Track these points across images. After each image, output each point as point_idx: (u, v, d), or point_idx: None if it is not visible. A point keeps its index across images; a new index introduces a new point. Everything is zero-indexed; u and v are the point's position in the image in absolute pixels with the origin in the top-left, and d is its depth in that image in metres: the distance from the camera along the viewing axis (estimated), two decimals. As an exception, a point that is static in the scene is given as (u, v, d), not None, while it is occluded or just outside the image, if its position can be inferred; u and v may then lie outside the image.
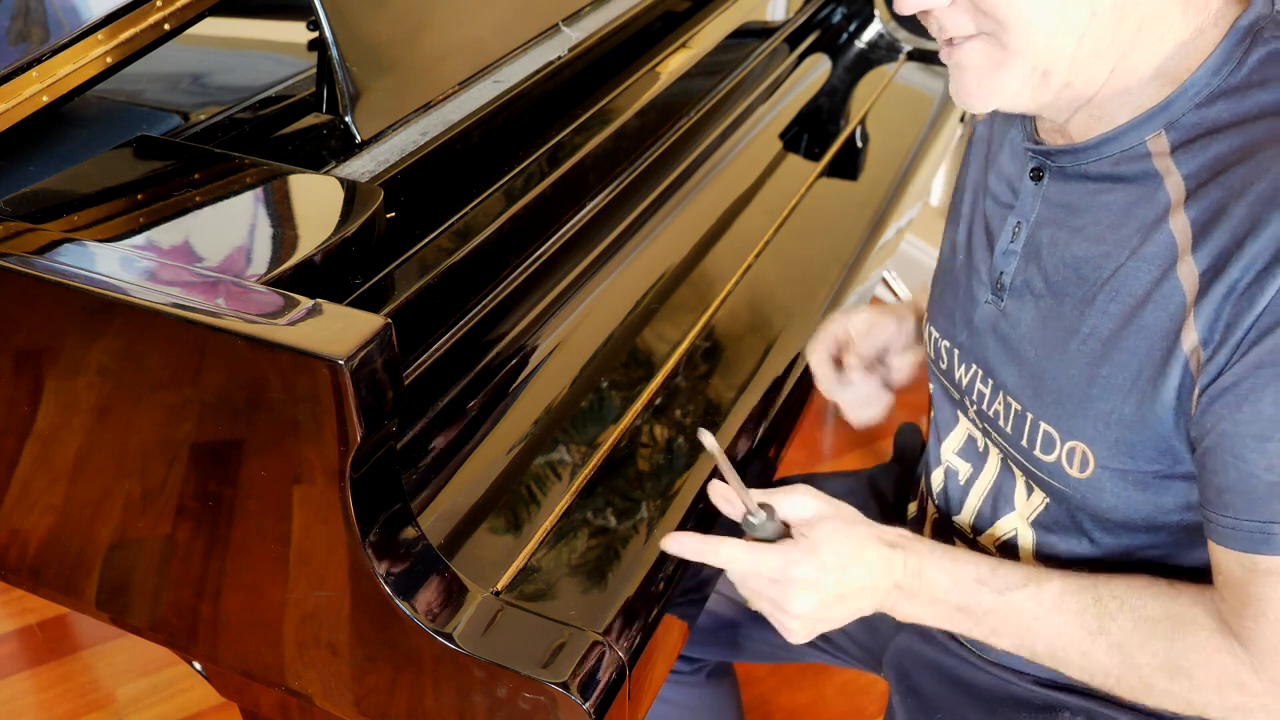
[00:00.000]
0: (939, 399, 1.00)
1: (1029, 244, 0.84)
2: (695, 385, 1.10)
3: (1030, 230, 0.84)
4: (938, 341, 0.96)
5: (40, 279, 0.80)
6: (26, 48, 0.92)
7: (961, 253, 0.93)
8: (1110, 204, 0.78)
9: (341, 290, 0.88)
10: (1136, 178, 0.77)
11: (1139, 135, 0.76)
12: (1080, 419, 0.79)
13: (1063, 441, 0.81)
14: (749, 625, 1.15)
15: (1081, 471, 0.81)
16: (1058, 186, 0.83)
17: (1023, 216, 0.85)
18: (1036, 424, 0.83)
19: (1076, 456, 0.81)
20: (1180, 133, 0.75)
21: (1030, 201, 0.84)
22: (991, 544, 0.92)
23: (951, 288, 0.94)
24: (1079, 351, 0.79)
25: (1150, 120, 0.76)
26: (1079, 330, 0.79)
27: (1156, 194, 0.75)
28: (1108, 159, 0.78)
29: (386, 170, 0.99)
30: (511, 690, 0.78)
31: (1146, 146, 0.76)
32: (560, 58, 1.18)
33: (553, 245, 1.09)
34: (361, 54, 1.02)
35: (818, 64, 1.72)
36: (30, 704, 1.72)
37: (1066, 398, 0.80)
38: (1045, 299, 0.82)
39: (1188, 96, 0.74)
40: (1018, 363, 0.84)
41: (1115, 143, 0.77)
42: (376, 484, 0.78)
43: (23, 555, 0.95)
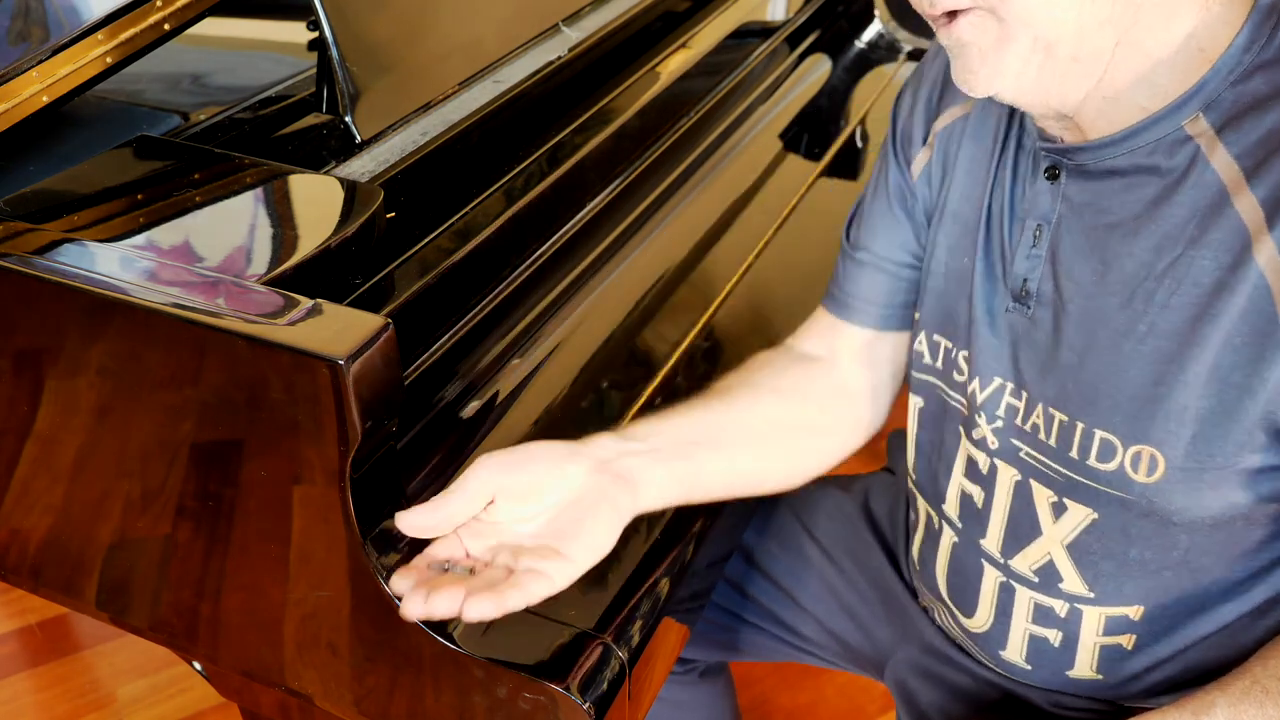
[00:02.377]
0: (932, 419, 0.95)
1: (1055, 247, 0.80)
2: (695, 385, 1.10)
3: (1054, 233, 0.80)
4: (948, 351, 0.91)
5: (40, 279, 0.80)
6: (26, 48, 0.92)
7: (966, 257, 0.89)
8: (1149, 197, 0.75)
9: (341, 290, 0.88)
10: (1177, 165, 0.73)
11: (1175, 121, 0.73)
12: (1147, 421, 0.76)
13: (1125, 446, 0.77)
14: (747, 626, 1.15)
15: (1149, 475, 0.77)
16: (1079, 185, 0.79)
17: (1042, 219, 0.81)
18: (1090, 432, 0.79)
19: (1143, 460, 0.77)
20: (1221, 112, 0.72)
21: (1048, 202, 0.81)
22: (1028, 568, 0.88)
23: (954, 296, 0.90)
24: (1138, 351, 0.75)
25: (1186, 104, 0.72)
26: (1134, 329, 0.75)
27: (1204, 178, 0.72)
28: (1140, 150, 0.75)
29: (386, 170, 0.99)
30: (511, 690, 0.78)
31: (1185, 131, 0.73)
32: (560, 58, 1.18)
33: (553, 245, 1.09)
34: (361, 54, 1.02)
35: (818, 64, 1.72)
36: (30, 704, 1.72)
37: (1129, 400, 0.76)
38: (1084, 301, 0.78)
39: (1222, 75, 0.71)
40: (1059, 370, 0.80)
41: (1147, 132, 0.74)
42: (377, 484, 0.78)
43: (23, 555, 0.95)
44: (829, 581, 1.11)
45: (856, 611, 1.10)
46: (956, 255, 0.90)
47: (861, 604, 1.10)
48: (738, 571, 1.14)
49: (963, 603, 0.95)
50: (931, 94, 0.94)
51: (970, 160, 0.89)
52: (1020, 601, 0.90)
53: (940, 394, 0.93)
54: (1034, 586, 0.88)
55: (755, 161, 1.44)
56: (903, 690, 1.05)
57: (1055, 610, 0.88)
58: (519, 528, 0.78)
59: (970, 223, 0.89)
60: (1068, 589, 0.86)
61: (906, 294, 0.97)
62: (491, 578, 0.74)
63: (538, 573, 0.74)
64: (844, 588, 1.11)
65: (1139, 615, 0.85)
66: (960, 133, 0.90)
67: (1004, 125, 0.87)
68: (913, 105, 0.95)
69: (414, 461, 0.90)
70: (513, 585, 0.73)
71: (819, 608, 1.11)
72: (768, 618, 1.13)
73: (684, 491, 0.87)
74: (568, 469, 0.79)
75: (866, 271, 0.97)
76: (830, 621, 1.11)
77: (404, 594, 0.73)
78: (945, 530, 0.96)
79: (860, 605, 1.10)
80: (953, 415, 0.92)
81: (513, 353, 1.02)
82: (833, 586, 1.11)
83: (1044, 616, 0.89)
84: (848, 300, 0.99)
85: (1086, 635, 0.88)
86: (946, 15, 0.73)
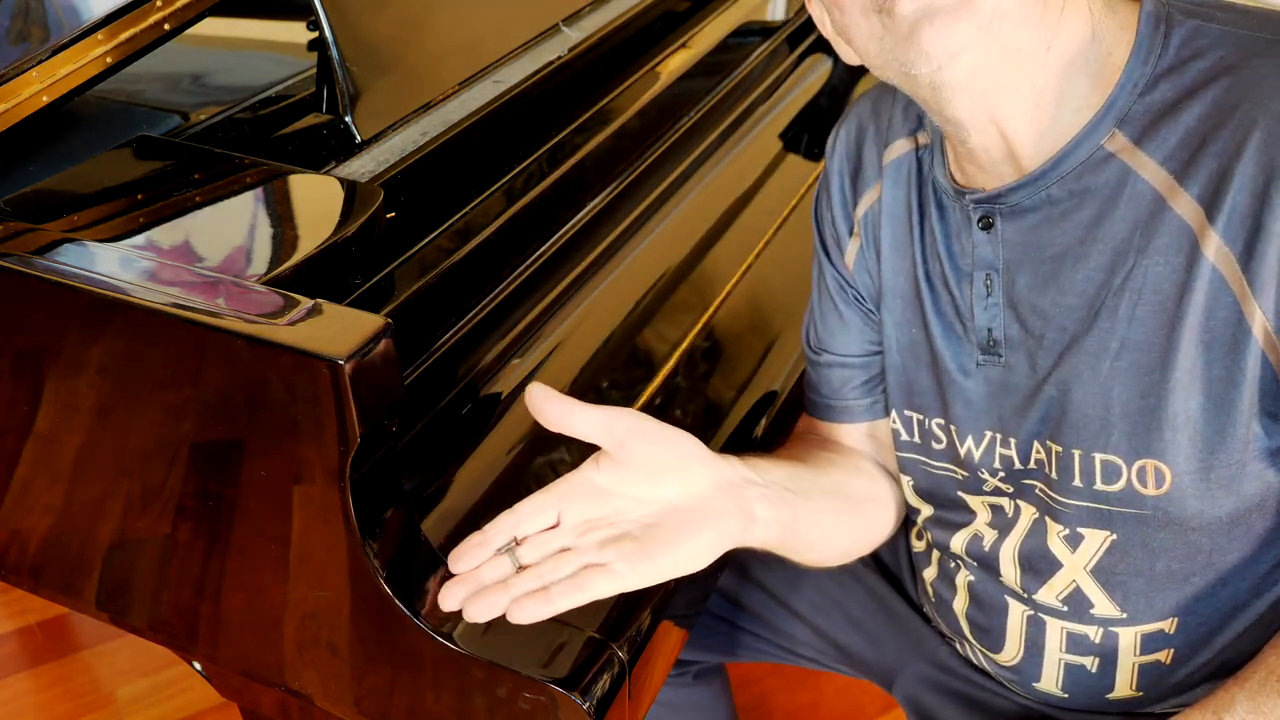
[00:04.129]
0: (926, 493, 0.93)
1: (1009, 291, 0.80)
2: (695, 385, 1.10)
3: (1004, 278, 0.80)
4: (921, 423, 0.90)
5: (40, 279, 0.80)
6: (26, 48, 0.92)
7: (915, 328, 0.88)
8: (1088, 219, 0.76)
9: (341, 290, 0.88)
10: (1106, 182, 0.74)
11: (1093, 142, 0.74)
12: (1144, 435, 0.76)
13: (1129, 464, 0.77)
14: (745, 629, 1.15)
15: (1158, 488, 0.77)
16: (1015, 225, 0.79)
17: (989, 268, 0.81)
18: (1090, 458, 0.79)
19: (1149, 474, 0.77)
20: (1135, 124, 0.73)
21: (990, 250, 0.81)
22: (1054, 599, 0.87)
23: (912, 369, 0.89)
24: (1116, 369, 0.76)
25: (1099, 124, 0.74)
26: (1107, 348, 0.76)
27: (1137, 189, 0.73)
28: (1069, 175, 0.75)
29: (386, 170, 0.99)
30: (511, 690, 0.78)
31: (1104, 149, 0.74)
32: (560, 58, 1.18)
33: (553, 245, 1.09)
34: (361, 54, 1.02)
35: (818, 64, 1.72)
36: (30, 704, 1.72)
37: (1121, 419, 0.76)
38: (1054, 334, 0.78)
39: (1127, 90, 0.73)
40: (1043, 405, 0.80)
41: (1071, 158, 0.75)
42: (377, 484, 0.78)
43: (23, 555, 0.95)
44: (828, 592, 1.10)
45: (861, 621, 1.09)
46: (904, 329, 0.89)
47: (865, 615, 1.09)
48: (736, 574, 1.14)
49: (988, 640, 0.94)
50: (843, 185, 0.93)
51: (892, 236, 0.89)
52: (1051, 633, 0.88)
53: (924, 468, 0.92)
54: (1064, 616, 0.87)
55: (755, 161, 1.44)
56: (917, 707, 1.03)
57: (1089, 637, 0.87)
58: (628, 512, 0.76)
59: (908, 295, 0.88)
60: (1099, 613, 0.85)
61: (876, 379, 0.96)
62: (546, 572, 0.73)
63: (607, 570, 0.72)
64: (844, 598, 1.10)
65: (1174, 628, 0.84)
66: (877, 213, 0.90)
67: (915, 193, 0.87)
68: (829, 201, 0.95)
69: (414, 461, 0.90)
70: (573, 584, 0.71)
71: (818, 617, 1.11)
72: (765, 623, 1.13)
73: (780, 539, 0.85)
74: (699, 471, 0.78)
75: (836, 373, 0.97)
76: (831, 630, 1.11)
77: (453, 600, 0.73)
78: (961, 569, 0.94)
79: (864, 616, 1.09)
80: (944, 484, 0.91)
81: (513, 353, 1.02)
82: (833, 596, 1.10)
83: (1078, 644, 0.88)
84: (830, 405, 0.98)
85: (1124, 657, 0.86)
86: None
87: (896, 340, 0.90)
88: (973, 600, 0.94)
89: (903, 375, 0.90)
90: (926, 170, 0.87)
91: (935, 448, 0.90)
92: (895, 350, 0.90)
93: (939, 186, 0.85)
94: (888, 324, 0.90)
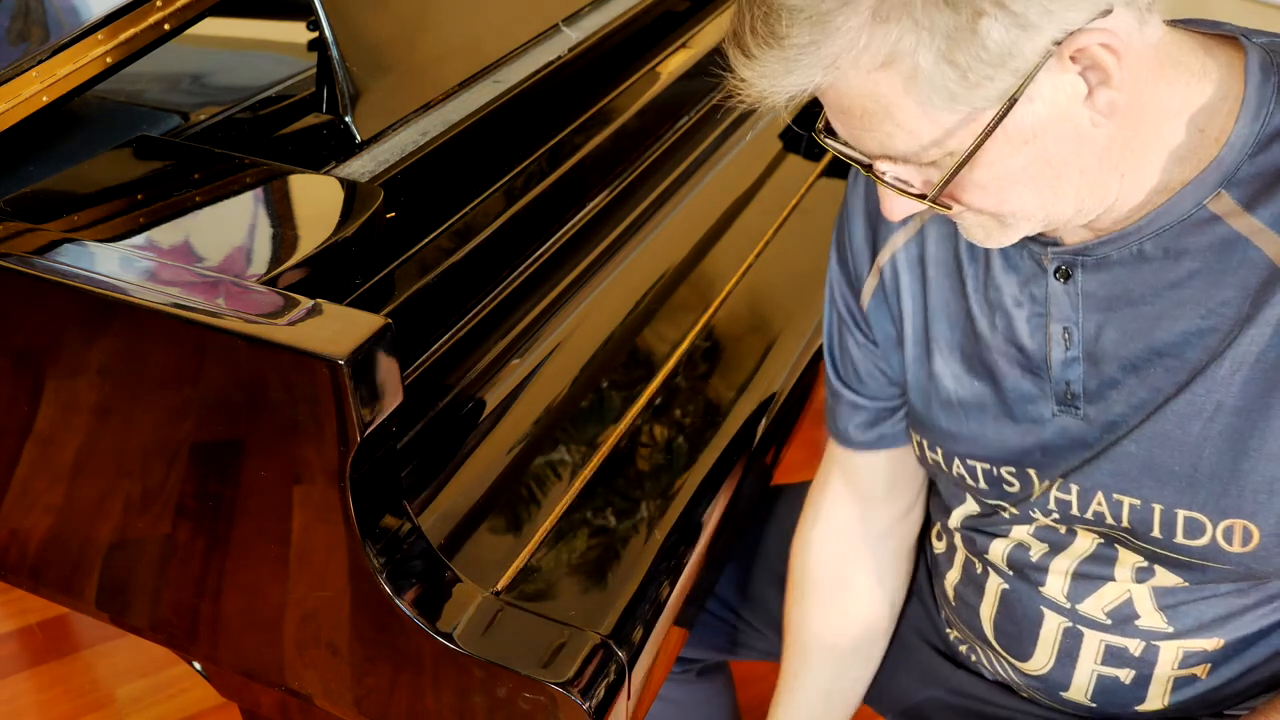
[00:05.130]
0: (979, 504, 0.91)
1: (1090, 346, 0.77)
2: (695, 385, 1.10)
3: (1084, 332, 0.77)
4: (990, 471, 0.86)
5: (40, 279, 0.80)
6: (26, 48, 0.92)
7: (980, 380, 0.84)
8: (1184, 280, 0.73)
9: (341, 290, 0.88)
10: (1209, 244, 0.71)
11: (1195, 199, 0.71)
12: (1234, 496, 0.74)
13: (1215, 523, 0.75)
14: (746, 626, 1.15)
15: (1244, 546, 0.75)
16: (1099, 279, 0.76)
17: (1067, 321, 0.78)
18: (1172, 514, 0.77)
19: (1236, 534, 0.75)
20: (1244, 187, 0.70)
21: (1068, 302, 0.78)
22: (1100, 611, 0.85)
23: (979, 419, 0.85)
24: (1210, 430, 0.73)
25: (1202, 183, 0.71)
26: (1200, 410, 0.73)
27: (1248, 255, 0.70)
28: (1166, 233, 0.72)
29: (386, 170, 0.99)
30: (511, 690, 0.78)
31: (1208, 210, 0.71)
32: (560, 58, 1.18)
33: (553, 245, 1.09)
34: (361, 54, 1.01)
35: (818, 64, 1.71)
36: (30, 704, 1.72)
37: (1209, 479, 0.74)
38: (1142, 391, 0.76)
39: (1236, 150, 0.70)
40: (1129, 462, 0.77)
41: (1167, 215, 0.72)
42: (377, 484, 0.78)
43: (23, 555, 0.95)
44: None
45: None
46: (965, 383, 0.86)
47: None
48: (738, 572, 1.14)
49: (1015, 648, 0.92)
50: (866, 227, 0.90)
51: (940, 286, 0.86)
52: (1088, 645, 0.87)
53: (979, 498, 0.90)
54: (1106, 629, 0.85)
55: (755, 161, 1.44)
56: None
57: (1129, 650, 0.85)
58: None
59: (967, 348, 0.85)
60: (1144, 625, 0.84)
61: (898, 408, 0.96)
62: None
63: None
64: None
65: (1217, 646, 0.83)
66: (915, 258, 0.87)
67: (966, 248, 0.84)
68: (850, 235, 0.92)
69: (414, 461, 0.90)
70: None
71: None
72: (767, 621, 1.13)
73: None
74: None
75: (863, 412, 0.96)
76: None
77: None
78: (992, 576, 0.92)
79: None
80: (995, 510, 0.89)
81: (513, 353, 1.02)
82: None
83: (1116, 657, 0.86)
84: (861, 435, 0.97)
85: (1161, 670, 0.85)
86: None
87: (956, 394, 0.86)
88: (1003, 607, 0.92)
89: (966, 426, 0.86)
90: None
91: (1008, 490, 0.86)
92: (956, 403, 0.86)
93: None
94: (944, 377, 0.87)
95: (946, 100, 0.64)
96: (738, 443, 1.04)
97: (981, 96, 0.64)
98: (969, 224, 0.74)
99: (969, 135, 0.66)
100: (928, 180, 0.70)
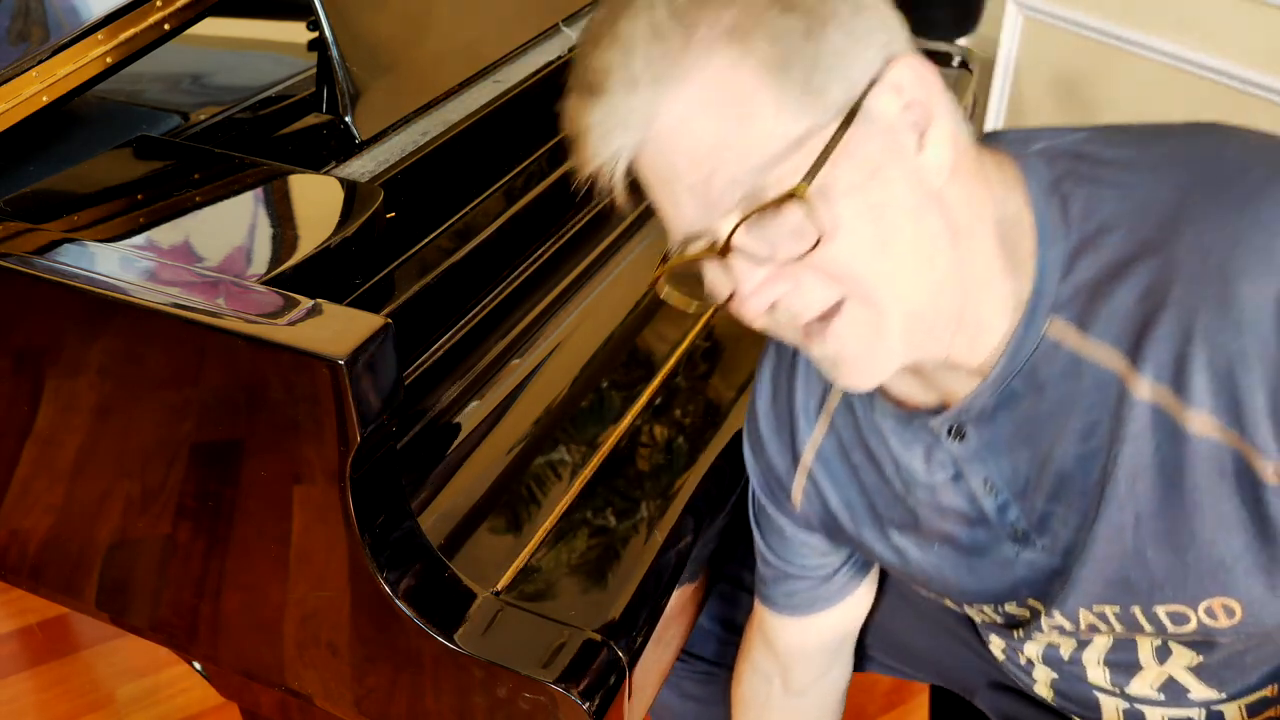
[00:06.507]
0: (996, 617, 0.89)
1: (1012, 487, 0.77)
2: (695, 385, 1.10)
3: (1002, 475, 0.77)
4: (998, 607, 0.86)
5: (40, 279, 0.80)
6: (26, 48, 0.92)
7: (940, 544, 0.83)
8: (1055, 410, 0.72)
9: (341, 290, 0.88)
10: (1062, 372, 0.71)
11: (1035, 333, 0.70)
12: (1196, 582, 0.72)
13: (1194, 607, 0.74)
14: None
15: (1231, 619, 0.74)
16: (990, 428, 0.75)
17: (983, 473, 0.77)
18: (1152, 611, 0.76)
19: (1219, 611, 0.73)
20: (1070, 309, 0.69)
21: (975, 456, 0.77)
22: (1149, 689, 0.84)
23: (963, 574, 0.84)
24: (1141, 538, 0.72)
25: (1032, 319, 0.70)
26: (1124, 525, 0.72)
27: (1097, 375, 0.69)
28: (1025, 369, 0.72)
29: (386, 170, 0.99)
30: (511, 690, 0.78)
31: (1050, 339, 0.70)
32: (560, 58, 1.18)
33: (553, 245, 1.09)
34: (361, 54, 1.02)
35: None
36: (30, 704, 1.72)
37: (1167, 577, 0.73)
38: (1072, 516, 0.75)
39: (1047, 277, 0.69)
40: (1093, 579, 0.76)
41: (1018, 354, 0.71)
42: (377, 484, 0.78)
43: (23, 555, 0.95)
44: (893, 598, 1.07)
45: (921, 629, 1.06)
46: (928, 550, 0.85)
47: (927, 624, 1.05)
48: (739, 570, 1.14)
49: (1083, 715, 0.91)
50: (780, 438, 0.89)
51: (869, 471, 0.85)
52: (1152, 717, 0.86)
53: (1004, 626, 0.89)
54: (1163, 704, 0.85)
55: (755, 161, 1.44)
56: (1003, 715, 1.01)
57: (1193, 717, 0.85)
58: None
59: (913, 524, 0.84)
60: (1197, 697, 0.83)
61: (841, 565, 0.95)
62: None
63: None
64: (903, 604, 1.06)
65: (1277, 691, 0.82)
66: (833, 451, 0.86)
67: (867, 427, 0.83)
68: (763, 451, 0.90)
69: (414, 461, 0.90)
70: None
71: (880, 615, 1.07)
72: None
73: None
74: None
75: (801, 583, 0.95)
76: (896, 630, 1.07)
77: None
78: (1038, 666, 0.91)
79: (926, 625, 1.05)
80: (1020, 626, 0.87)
81: (513, 353, 1.02)
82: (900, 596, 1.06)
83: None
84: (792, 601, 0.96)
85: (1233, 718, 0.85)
86: (819, 320, 0.69)
87: (925, 559, 0.85)
88: (1057, 690, 0.91)
89: (951, 581, 0.85)
90: (861, 412, 0.83)
91: (1021, 618, 0.86)
92: (930, 567, 0.86)
93: (886, 419, 0.81)
94: (907, 549, 0.86)
95: (796, 100, 0.64)
96: (738, 442, 1.04)
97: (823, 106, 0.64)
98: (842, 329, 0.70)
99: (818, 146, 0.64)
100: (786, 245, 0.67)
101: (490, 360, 1.00)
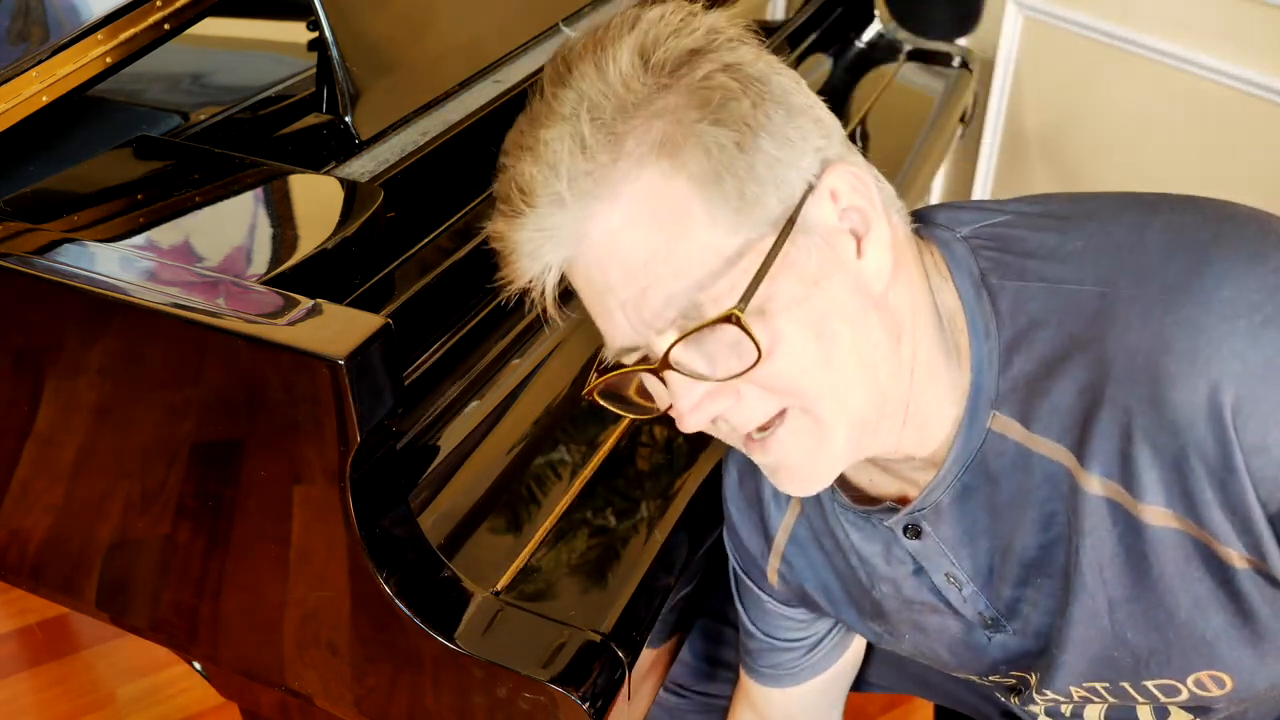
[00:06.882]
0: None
1: (975, 575, 0.76)
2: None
3: (964, 568, 0.76)
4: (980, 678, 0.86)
5: (40, 279, 0.80)
6: (26, 48, 0.92)
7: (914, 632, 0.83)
8: (1011, 501, 0.71)
9: (341, 290, 0.88)
10: (1012, 465, 0.70)
11: (979, 431, 0.70)
12: (1180, 658, 0.71)
13: (1183, 680, 0.73)
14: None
15: (1221, 689, 0.72)
16: (946, 524, 0.74)
17: (944, 568, 0.76)
18: (1141, 685, 0.75)
19: (1208, 682, 0.72)
20: (1010, 403, 0.68)
21: (935, 552, 0.76)
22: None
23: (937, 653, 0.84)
24: (1118, 621, 0.71)
25: (975, 413, 0.69)
26: (1098, 610, 0.71)
27: (1046, 469, 0.68)
28: (974, 463, 0.71)
29: (386, 170, 0.99)
30: (511, 690, 0.78)
31: (995, 433, 0.69)
32: (560, 58, 1.18)
33: (553, 245, 1.09)
34: (361, 54, 1.02)
35: (818, 64, 1.72)
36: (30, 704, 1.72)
37: (1150, 655, 0.72)
38: (1044, 600, 0.74)
39: (984, 372, 0.68)
40: (1076, 661, 0.75)
41: (965, 445, 0.70)
42: (376, 484, 0.78)
43: (23, 555, 0.95)
44: None
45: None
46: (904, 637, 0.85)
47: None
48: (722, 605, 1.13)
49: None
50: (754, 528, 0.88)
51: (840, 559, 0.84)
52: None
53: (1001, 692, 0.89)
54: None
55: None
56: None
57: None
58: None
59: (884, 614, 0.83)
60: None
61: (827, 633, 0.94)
62: None
63: None
64: None
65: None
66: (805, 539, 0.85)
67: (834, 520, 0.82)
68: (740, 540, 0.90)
69: (414, 461, 0.90)
70: None
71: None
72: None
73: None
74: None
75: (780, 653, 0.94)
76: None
77: None
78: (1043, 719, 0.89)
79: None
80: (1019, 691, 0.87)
81: (513, 353, 1.02)
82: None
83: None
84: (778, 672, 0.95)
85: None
86: (760, 429, 0.68)
87: (915, 644, 0.85)
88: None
89: (939, 661, 0.85)
90: (825, 501, 0.82)
91: (1013, 686, 0.85)
92: (911, 649, 0.86)
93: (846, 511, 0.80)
94: (884, 636, 0.86)
95: (731, 214, 0.62)
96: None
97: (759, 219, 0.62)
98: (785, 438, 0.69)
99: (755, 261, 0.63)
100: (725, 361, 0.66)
101: (490, 360, 1.00)
